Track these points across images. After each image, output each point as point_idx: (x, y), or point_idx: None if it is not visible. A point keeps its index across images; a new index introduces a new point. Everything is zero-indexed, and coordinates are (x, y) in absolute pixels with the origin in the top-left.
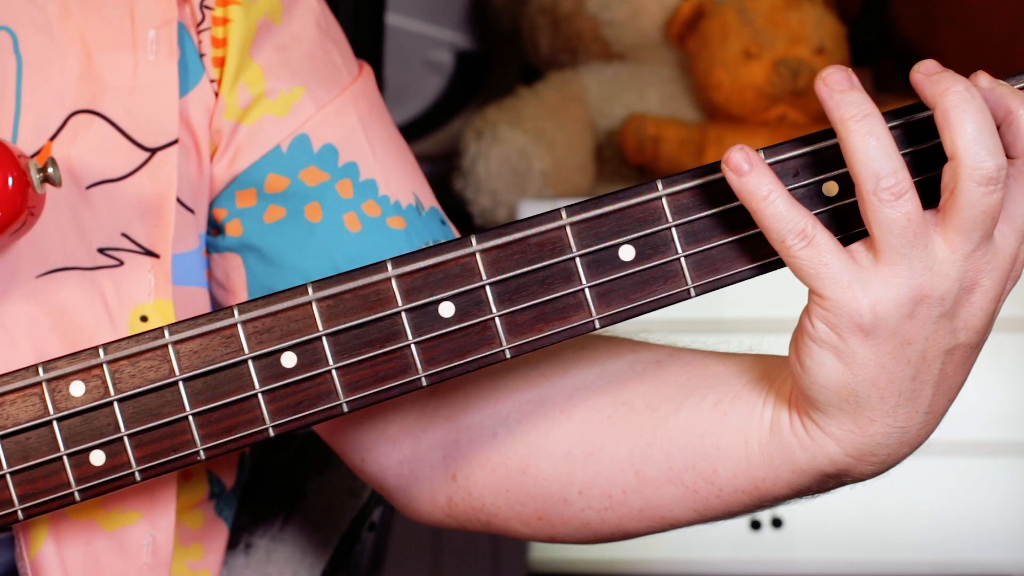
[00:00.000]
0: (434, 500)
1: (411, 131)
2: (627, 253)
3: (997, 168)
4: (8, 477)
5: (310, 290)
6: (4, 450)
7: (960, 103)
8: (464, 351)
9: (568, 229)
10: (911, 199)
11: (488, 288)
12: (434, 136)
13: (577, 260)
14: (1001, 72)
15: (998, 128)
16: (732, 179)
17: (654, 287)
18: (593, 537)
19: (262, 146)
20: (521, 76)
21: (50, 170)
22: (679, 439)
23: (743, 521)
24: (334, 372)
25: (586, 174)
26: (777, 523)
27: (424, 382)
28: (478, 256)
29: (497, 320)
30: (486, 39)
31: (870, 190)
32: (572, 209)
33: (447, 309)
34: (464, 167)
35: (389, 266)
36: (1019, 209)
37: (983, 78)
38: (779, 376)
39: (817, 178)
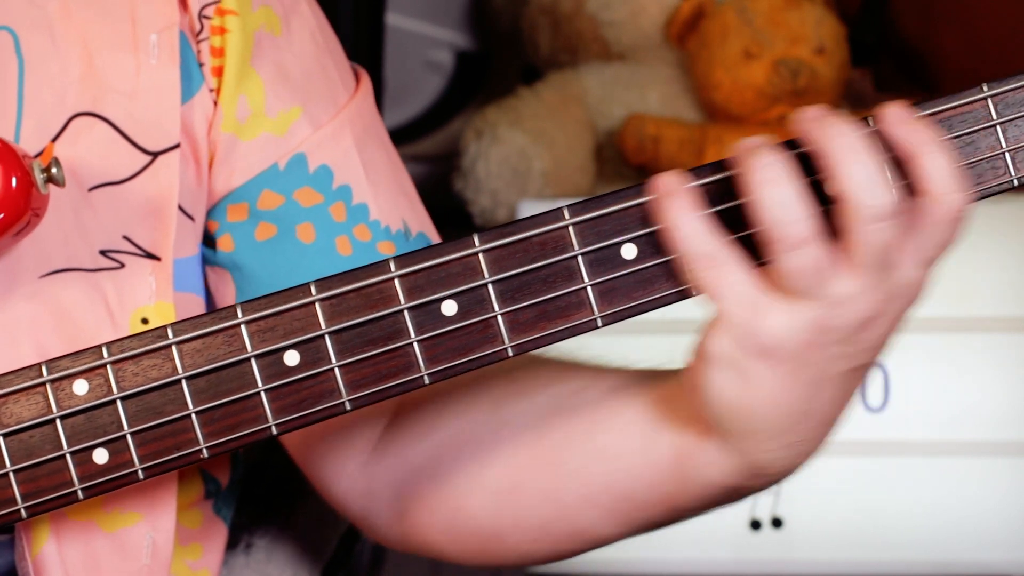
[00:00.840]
0: (391, 534)
1: (411, 131)
2: (629, 252)
3: (886, 205)
4: (11, 475)
5: (313, 289)
6: (7, 448)
7: (842, 146)
8: (466, 349)
9: (570, 228)
10: (810, 248)
11: (490, 286)
12: (434, 136)
13: (579, 258)
14: (1001, 72)
15: (902, 166)
16: (655, 201)
17: (656, 285)
18: (542, 561)
19: (261, 163)
20: (521, 76)
21: (54, 170)
22: (591, 466)
23: (743, 521)
24: (337, 370)
25: (586, 174)
26: (777, 523)
27: (427, 380)
28: (480, 254)
29: (499, 318)
30: (486, 39)
31: (771, 238)
32: (574, 208)
33: (449, 307)
34: (464, 167)
35: (392, 265)
36: (922, 242)
37: (893, 109)
38: (684, 397)
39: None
